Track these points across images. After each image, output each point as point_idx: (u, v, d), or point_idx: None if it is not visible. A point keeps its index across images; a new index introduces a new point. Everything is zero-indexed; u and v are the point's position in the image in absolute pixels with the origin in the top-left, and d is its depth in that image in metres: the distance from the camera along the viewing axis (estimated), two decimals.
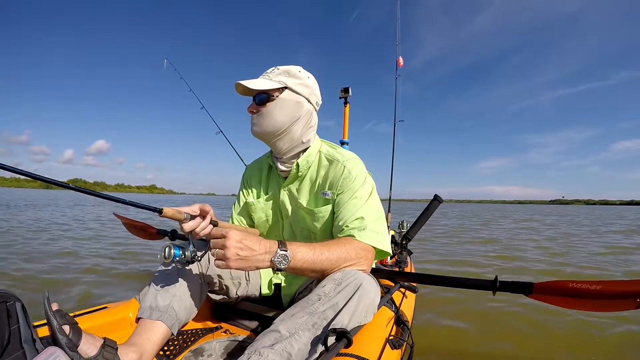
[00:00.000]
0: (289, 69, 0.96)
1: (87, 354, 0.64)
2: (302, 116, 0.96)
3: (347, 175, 0.95)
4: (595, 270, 3.44)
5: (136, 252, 3.66)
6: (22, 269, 2.75)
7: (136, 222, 1.57)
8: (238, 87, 0.94)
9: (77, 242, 4.27)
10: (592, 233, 7.61)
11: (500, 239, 6.00)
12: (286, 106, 0.94)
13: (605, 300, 0.72)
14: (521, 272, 3.29)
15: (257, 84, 0.92)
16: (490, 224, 10.04)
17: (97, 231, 5.50)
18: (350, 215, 0.89)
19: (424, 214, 1.87)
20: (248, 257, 0.71)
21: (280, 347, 0.67)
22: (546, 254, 4.42)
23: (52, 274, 2.64)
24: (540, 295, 0.79)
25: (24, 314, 0.61)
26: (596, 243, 5.69)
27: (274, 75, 0.95)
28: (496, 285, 0.84)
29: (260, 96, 0.94)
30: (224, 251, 0.70)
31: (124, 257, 3.45)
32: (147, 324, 0.84)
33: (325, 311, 0.73)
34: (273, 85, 0.92)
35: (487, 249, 4.76)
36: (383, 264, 1.86)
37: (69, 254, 3.48)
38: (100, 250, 3.78)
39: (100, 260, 3.22)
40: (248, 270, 0.78)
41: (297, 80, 0.96)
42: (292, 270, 0.77)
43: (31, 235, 4.68)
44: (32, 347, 0.59)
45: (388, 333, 0.89)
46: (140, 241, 4.07)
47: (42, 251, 3.56)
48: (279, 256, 0.73)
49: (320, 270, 0.79)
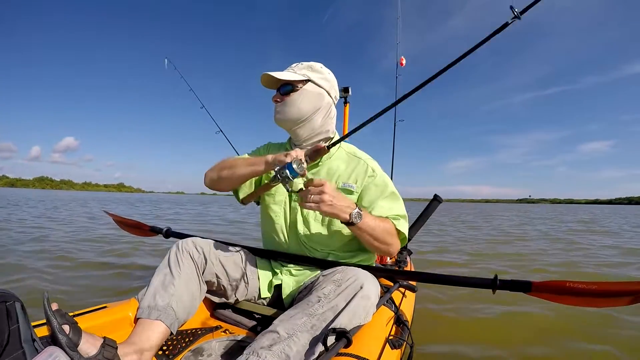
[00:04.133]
0: (311, 65, 1.07)
1: (87, 354, 0.64)
2: (322, 107, 1.06)
3: (371, 173, 1.05)
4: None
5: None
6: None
7: (128, 219, 1.56)
8: (263, 78, 1.04)
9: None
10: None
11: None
12: (309, 97, 1.03)
13: (601, 298, 0.73)
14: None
15: (283, 75, 1.02)
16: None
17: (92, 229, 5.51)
18: (385, 210, 1.01)
19: (423, 214, 1.87)
20: (336, 205, 0.84)
21: (278, 348, 0.67)
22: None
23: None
24: (538, 293, 0.80)
25: (24, 313, 0.61)
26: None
27: (298, 69, 1.05)
28: (496, 283, 0.84)
29: (285, 87, 1.03)
30: (320, 195, 0.82)
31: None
32: (146, 323, 0.84)
33: (324, 313, 0.74)
34: (297, 77, 1.02)
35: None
36: (383, 263, 1.86)
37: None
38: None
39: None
40: (330, 216, 0.87)
41: (319, 75, 1.06)
42: (357, 229, 0.90)
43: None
44: (32, 347, 0.59)
45: (388, 333, 0.89)
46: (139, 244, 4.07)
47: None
48: (355, 213, 0.87)
49: (375, 236, 0.93)
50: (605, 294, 0.72)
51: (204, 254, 1.00)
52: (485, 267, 3.44)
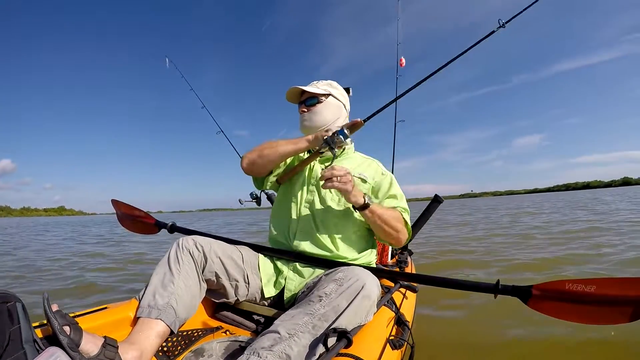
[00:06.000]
0: (330, 82, 1.27)
1: (88, 354, 0.64)
2: (341, 117, 1.25)
3: (383, 172, 1.24)
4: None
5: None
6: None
7: (135, 209, 1.50)
8: (292, 91, 1.23)
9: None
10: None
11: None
12: (331, 108, 1.22)
13: (603, 307, 0.73)
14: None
15: (311, 89, 1.20)
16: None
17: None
18: (393, 204, 1.15)
19: (424, 215, 1.86)
20: (355, 186, 0.99)
21: (279, 348, 0.67)
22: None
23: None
24: (539, 301, 0.80)
25: (25, 314, 0.61)
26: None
27: (321, 85, 1.24)
28: (498, 288, 0.85)
29: (311, 100, 1.21)
30: (345, 175, 0.95)
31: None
32: (146, 322, 0.84)
33: (326, 313, 0.73)
34: (322, 91, 1.20)
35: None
36: (384, 264, 1.86)
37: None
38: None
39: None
40: (349, 196, 0.98)
41: (337, 91, 1.26)
42: (369, 212, 1.01)
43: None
44: (33, 347, 0.59)
45: (388, 333, 0.89)
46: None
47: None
48: (368, 197, 1.01)
49: (385, 219, 1.04)
50: (607, 300, 0.72)
51: (204, 252, 1.00)
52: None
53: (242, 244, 1.16)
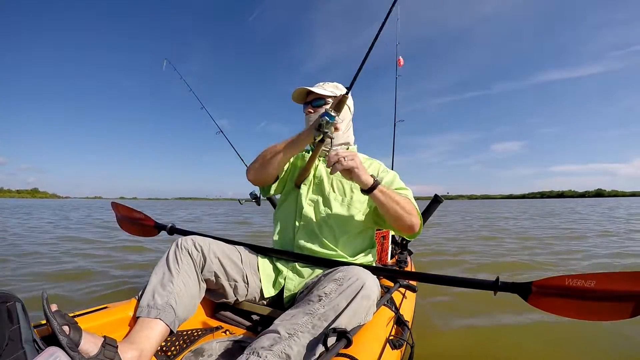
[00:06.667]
0: (337, 84, 1.27)
1: (88, 353, 0.64)
2: (346, 118, 1.24)
3: (385, 170, 1.25)
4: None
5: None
6: None
7: (135, 211, 1.52)
8: (298, 91, 1.22)
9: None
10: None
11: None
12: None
13: (604, 303, 0.72)
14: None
15: (318, 90, 1.19)
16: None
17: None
18: (403, 193, 1.13)
19: (424, 215, 1.86)
20: (362, 169, 0.97)
21: (279, 348, 0.67)
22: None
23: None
24: (539, 297, 0.80)
25: (24, 314, 0.61)
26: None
27: (327, 87, 1.23)
28: (497, 285, 0.84)
29: (317, 101, 1.21)
30: (353, 160, 0.95)
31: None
32: (145, 322, 0.84)
33: (325, 312, 0.73)
34: (328, 93, 1.20)
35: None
36: (383, 263, 1.86)
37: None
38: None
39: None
40: (357, 177, 0.97)
41: (342, 93, 1.22)
42: (380, 192, 0.99)
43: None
44: (33, 347, 0.59)
45: (388, 333, 0.89)
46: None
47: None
48: (377, 178, 1.00)
49: (396, 200, 1.02)
50: (607, 294, 0.71)
51: (203, 252, 1.00)
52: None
53: (241, 245, 1.16)
